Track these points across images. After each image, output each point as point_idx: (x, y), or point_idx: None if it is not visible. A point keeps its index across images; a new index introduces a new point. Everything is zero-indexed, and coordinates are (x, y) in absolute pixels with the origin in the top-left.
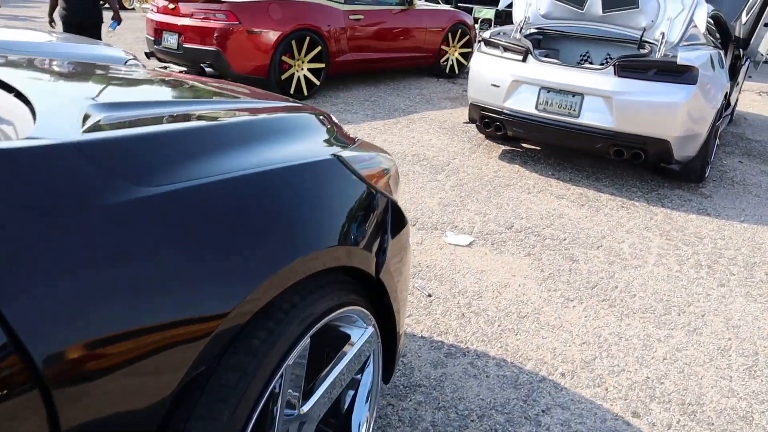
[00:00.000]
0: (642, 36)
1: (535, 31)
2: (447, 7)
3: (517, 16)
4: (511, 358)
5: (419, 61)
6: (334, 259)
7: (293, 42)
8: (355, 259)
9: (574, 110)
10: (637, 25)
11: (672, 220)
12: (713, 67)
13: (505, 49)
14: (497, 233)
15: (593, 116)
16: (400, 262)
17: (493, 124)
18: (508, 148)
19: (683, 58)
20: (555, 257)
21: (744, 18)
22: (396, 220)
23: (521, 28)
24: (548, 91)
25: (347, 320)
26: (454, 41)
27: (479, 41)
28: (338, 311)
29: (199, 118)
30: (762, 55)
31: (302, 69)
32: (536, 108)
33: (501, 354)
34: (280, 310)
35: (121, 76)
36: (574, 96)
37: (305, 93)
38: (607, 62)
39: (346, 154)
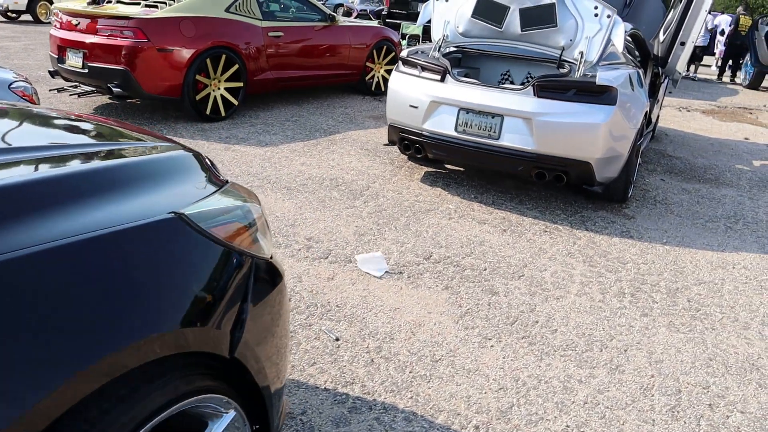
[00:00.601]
0: (561, 55)
1: (454, 49)
2: (373, 23)
3: (435, 34)
4: (421, 411)
5: (344, 79)
6: (170, 346)
7: (208, 60)
8: (200, 342)
9: (494, 132)
10: (556, 44)
11: (595, 245)
12: (632, 86)
13: (423, 68)
14: (414, 264)
15: (514, 138)
16: (268, 330)
17: (413, 147)
18: (431, 169)
19: (602, 78)
20: (474, 290)
21: (662, 36)
22: (265, 280)
23: (440, 47)
24: (467, 112)
25: (204, 407)
26: (379, 58)
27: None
28: (184, 402)
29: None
30: (680, 73)
31: (219, 89)
32: (456, 130)
33: (411, 406)
34: (99, 409)
35: None
36: (493, 117)
37: (222, 113)
38: (527, 81)
39: (192, 210)
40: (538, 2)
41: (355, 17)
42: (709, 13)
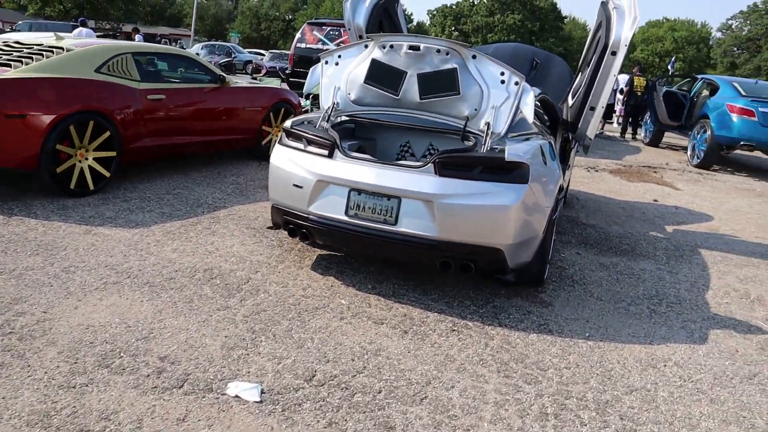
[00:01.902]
0: (465, 126)
1: (347, 118)
2: (275, 82)
3: (324, 101)
4: None
5: (238, 144)
6: None
7: (72, 128)
8: None
9: (391, 216)
10: (459, 113)
11: (511, 345)
12: (545, 159)
13: (309, 141)
14: (293, 390)
15: (413, 223)
16: None
17: (299, 232)
18: (324, 252)
19: (511, 152)
20: (365, 425)
21: (570, 101)
22: None
23: (329, 116)
24: (359, 194)
25: None
26: (277, 121)
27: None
28: None
29: None
30: (590, 138)
31: (86, 159)
32: (346, 214)
33: None
34: None
35: None
36: (389, 199)
37: (91, 187)
38: (428, 155)
39: None
40: (438, 67)
41: (264, 74)
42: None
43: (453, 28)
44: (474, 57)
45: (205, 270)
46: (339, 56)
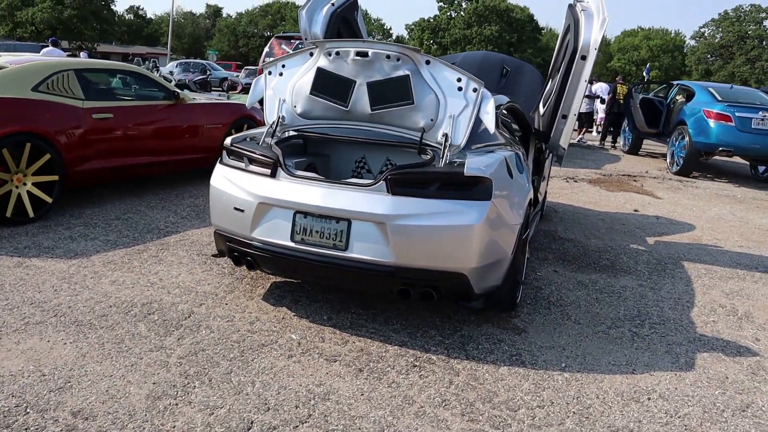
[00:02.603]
0: (422, 138)
1: (295, 133)
2: (236, 99)
3: (269, 115)
4: None
5: (197, 164)
6: None
7: (5, 151)
8: None
9: (341, 241)
10: (414, 124)
11: (478, 382)
12: (511, 172)
13: (250, 160)
14: None
15: (366, 248)
16: None
17: (244, 260)
18: (279, 280)
19: (472, 167)
20: None
21: (542, 109)
22: None
23: (274, 132)
24: (305, 217)
25: None
26: None
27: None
28: None
29: None
30: (563, 148)
31: (24, 184)
32: (292, 239)
33: None
34: None
35: None
36: (338, 222)
37: (31, 214)
38: (381, 173)
39: None
40: (389, 75)
41: (240, 91)
42: (588, 82)
43: (431, 42)
44: (428, 62)
45: (143, 304)
46: (283, 66)
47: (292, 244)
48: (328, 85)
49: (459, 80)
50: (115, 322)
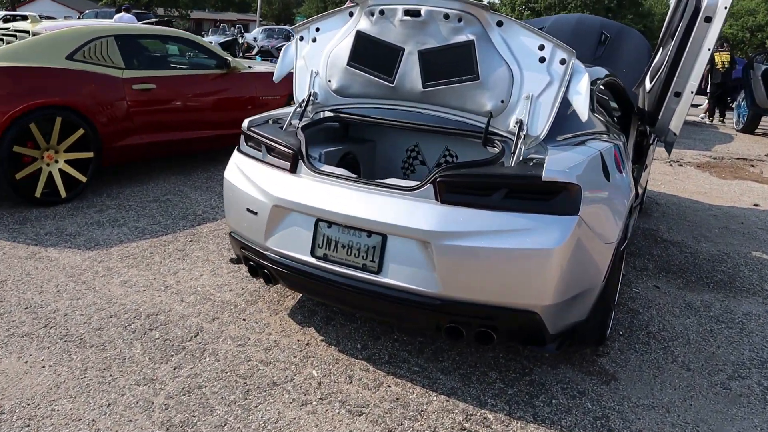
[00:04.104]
0: (488, 125)
1: (330, 114)
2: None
3: (299, 92)
4: None
5: None
6: None
7: (33, 125)
8: None
9: (372, 261)
10: (479, 107)
11: None
12: (608, 172)
13: (269, 149)
14: None
15: (404, 273)
16: None
17: (261, 272)
18: None
19: (552, 168)
20: None
21: (648, 85)
22: None
23: (303, 112)
24: (330, 226)
25: None
26: None
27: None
28: None
29: None
30: (674, 134)
31: (56, 162)
32: (313, 254)
33: None
34: None
35: None
36: (370, 236)
37: (63, 194)
38: (439, 167)
39: None
40: (448, 41)
41: (256, 54)
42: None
43: (524, 7)
44: (500, 24)
45: (148, 315)
46: (317, 29)
47: (313, 260)
48: (369, 54)
49: (542, 48)
50: (108, 340)
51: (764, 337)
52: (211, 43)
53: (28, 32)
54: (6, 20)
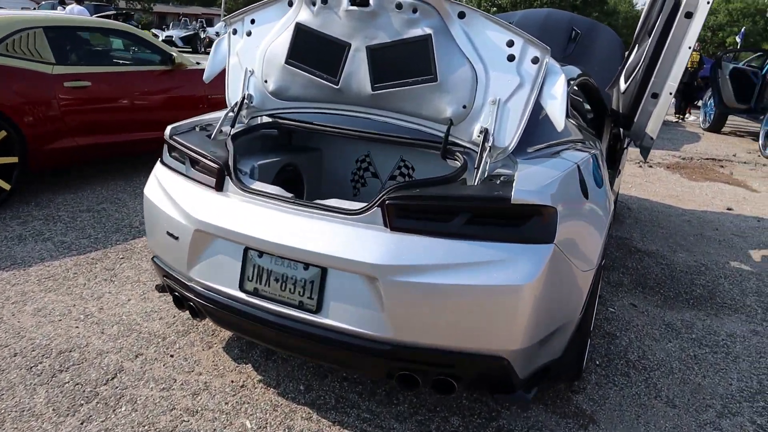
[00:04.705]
0: (447, 134)
1: (269, 120)
2: None
3: (232, 94)
4: None
5: None
6: None
7: None
8: None
9: (310, 298)
10: (437, 113)
11: None
12: (586, 189)
13: (192, 162)
14: None
15: (348, 313)
16: None
17: (186, 304)
18: None
19: (523, 188)
20: None
21: (623, 85)
22: None
23: (235, 118)
24: (261, 256)
25: None
26: None
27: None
28: None
29: None
30: (651, 138)
31: None
32: (242, 288)
33: None
34: None
35: None
36: (307, 269)
37: None
38: (397, 179)
39: None
40: (401, 35)
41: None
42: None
43: (489, 3)
44: (462, 16)
45: (60, 353)
46: (252, 21)
47: (243, 295)
48: (310, 50)
49: (511, 45)
50: (8, 386)
51: (752, 363)
52: (172, 37)
53: None
54: None
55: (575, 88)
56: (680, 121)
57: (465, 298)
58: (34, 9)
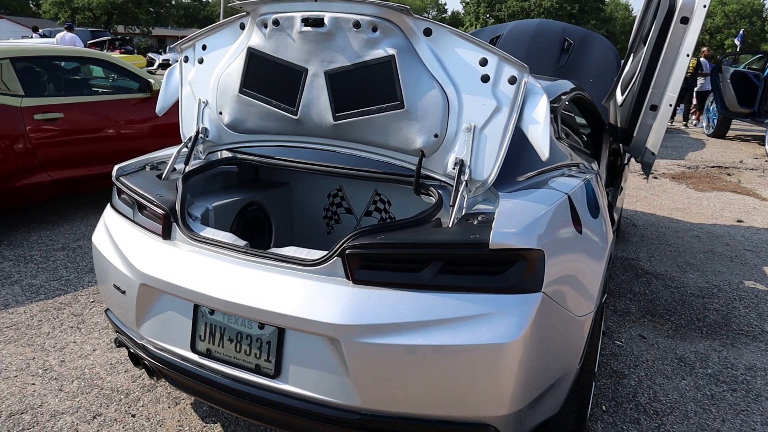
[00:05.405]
0: (419, 168)
1: (228, 156)
2: None
3: (186, 127)
4: None
5: None
6: None
7: None
8: None
9: (268, 360)
10: (406, 144)
11: None
12: (579, 222)
13: (140, 207)
14: None
15: (308, 378)
16: None
17: (141, 363)
18: None
19: (504, 230)
20: None
21: (619, 98)
22: None
23: (189, 155)
24: (212, 313)
25: None
26: None
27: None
28: None
29: None
30: (652, 153)
31: None
32: (194, 348)
33: None
34: None
35: None
36: (263, 328)
37: None
38: (373, 213)
39: None
40: (361, 57)
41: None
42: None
43: (488, 16)
44: (428, 33)
45: (11, 415)
46: (203, 47)
47: (195, 357)
48: (264, 77)
49: (484, 63)
50: None
51: None
52: (169, 60)
53: None
54: None
55: (567, 103)
56: (685, 127)
57: (440, 360)
58: (31, 38)
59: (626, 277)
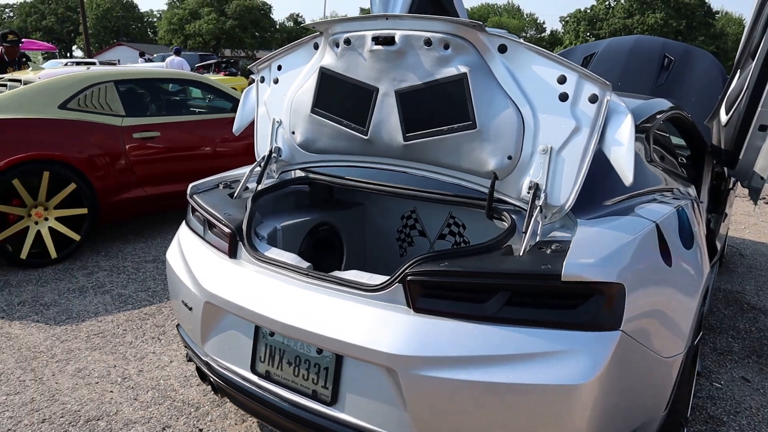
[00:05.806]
0: (492, 191)
1: (300, 176)
2: None
3: (260, 147)
4: None
5: None
6: None
7: (16, 181)
8: None
9: (325, 387)
10: (479, 166)
11: None
12: (669, 254)
13: (210, 225)
14: None
15: (365, 408)
16: None
17: (207, 379)
18: None
19: (577, 261)
20: None
21: (724, 117)
22: None
23: (262, 174)
24: (272, 335)
25: None
26: None
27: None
28: None
29: None
30: (762, 177)
31: (45, 219)
32: (253, 369)
33: None
34: None
35: None
36: (321, 353)
37: (53, 254)
38: (447, 237)
39: None
40: (433, 76)
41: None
42: None
43: (588, 34)
44: (502, 50)
45: (87, 420)
46: (279, 67)
47: (255, 378)
48: (336, 97)
49: (563, 81)
50: None
51: None
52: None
53: (20, 81)
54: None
55: (661, 123)
56: None
57: (503, 400)
58: (145, 62)
59: (729, 312)
